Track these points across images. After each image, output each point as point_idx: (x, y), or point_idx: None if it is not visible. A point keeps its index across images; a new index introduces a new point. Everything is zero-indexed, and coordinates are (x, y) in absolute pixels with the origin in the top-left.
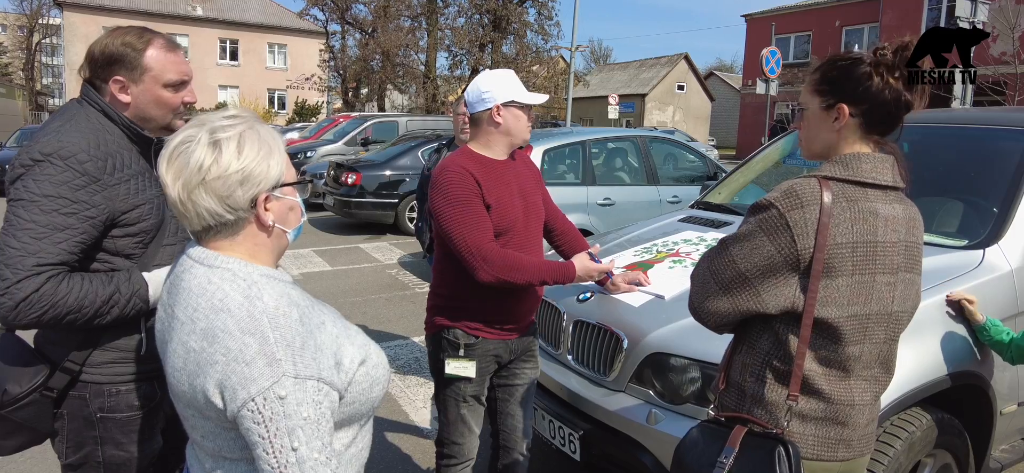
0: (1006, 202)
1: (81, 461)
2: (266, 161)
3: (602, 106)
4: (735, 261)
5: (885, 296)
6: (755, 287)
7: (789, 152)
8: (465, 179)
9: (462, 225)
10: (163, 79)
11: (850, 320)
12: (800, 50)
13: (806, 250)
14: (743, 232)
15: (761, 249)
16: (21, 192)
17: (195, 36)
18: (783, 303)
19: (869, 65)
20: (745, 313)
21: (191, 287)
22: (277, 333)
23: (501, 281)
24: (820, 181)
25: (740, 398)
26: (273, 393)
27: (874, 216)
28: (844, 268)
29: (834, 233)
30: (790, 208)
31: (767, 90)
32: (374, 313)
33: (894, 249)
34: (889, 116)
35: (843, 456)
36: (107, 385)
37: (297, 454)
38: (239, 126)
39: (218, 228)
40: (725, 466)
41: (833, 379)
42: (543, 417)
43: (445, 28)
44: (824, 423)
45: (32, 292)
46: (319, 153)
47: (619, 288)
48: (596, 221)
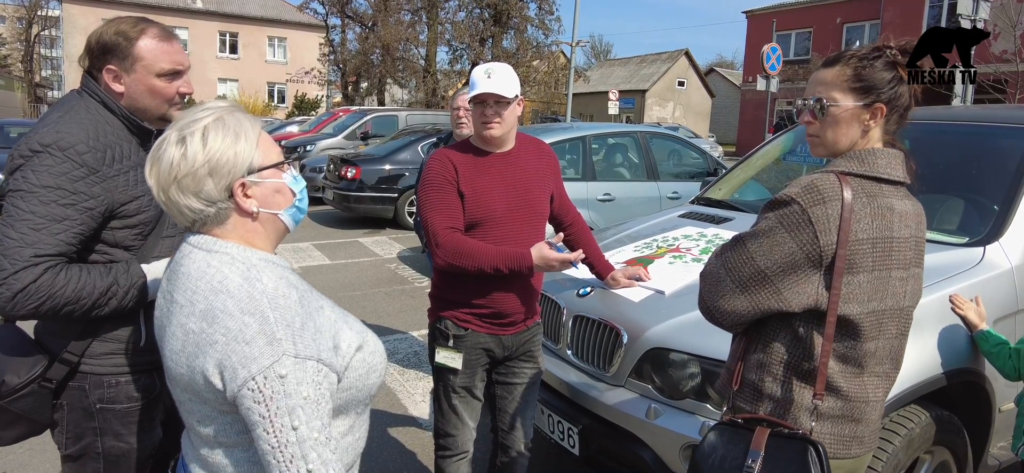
0: (1007, 200)
1: (80, 452)
2: (232, 148)
3: (602, 102)
4: (754, 258)
5: (899, 291)
6: (775, 285)
7: (789, 149)
8: (443, 166)
9: (428, 208)
10: (155, 68)
11: (869, 316)
12: (801, 47)
13: (829, 246)
14: (762, 228)
15: (782, 245)
16: (20, 183)
17: (195, 29)
18: (806, 301)
19: (895, 66)
20: (765, 312)
21: (190, 271)
22: (277, 313)
23: (451, 265)
24: (839, 177)
25: (756, 398)
26: (273, 372)
27: (891, 211)
28: (865, 264)
29: (855, 229)
30: (812, 203)
31: (768, 87)
32: (373, 307)
33: (907, 244)
34: (904, 115)
35: (856, 453)
36: (107, 376)
37: (297, 433)
38: (206, 118)
39: (203, 221)
40: (753, 470)
41: (849, 376)
42: (542, 412)
43: (445, 22)
44: (841, 421)
45: (30, 283)
46: (318, 147)
47: (619, 283)
48: (596, 217)
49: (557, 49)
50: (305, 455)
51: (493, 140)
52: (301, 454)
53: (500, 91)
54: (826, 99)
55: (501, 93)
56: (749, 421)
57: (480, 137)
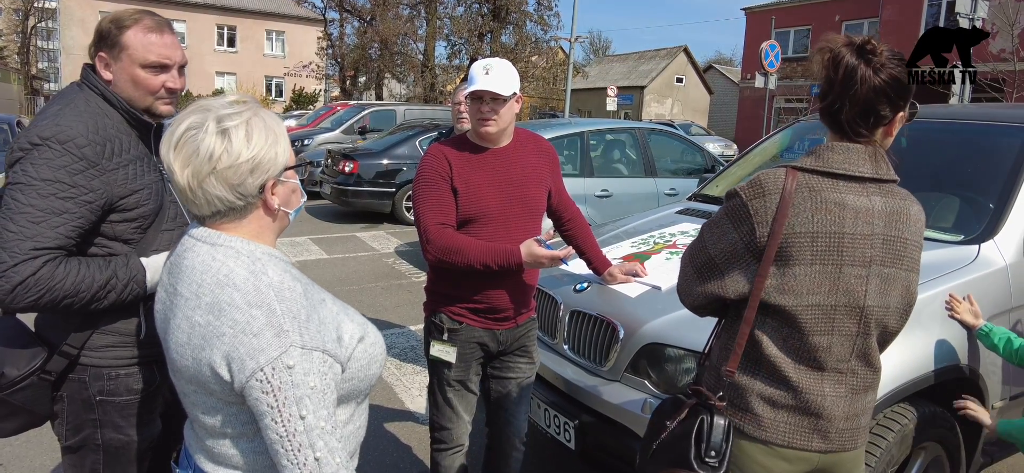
0: (1002, 198)
1: (80, 444)
2: (274, 148)
3: (601, 98)
4: (706, 246)
5: (855, 289)
6: (722, 271)
7: (787, 146)
8: (437, 161)
9: (420, 204)
10: (140, 59)
11: (811, 309)
12: (799, 44)
13: (763, 237)
14: (714, 219)
15: (727, 235)
16: (19, 176)
17: (193, 22)
18: (740, 288)
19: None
20: (711, 296)
21: (194, 265)
22: (283, 305)
23: (441, 261)
24: (788, 171)
25: (713, 378)
26: (281, 363)
27: (840, 207)
28: (802, 257)
29: (793, 222)
30: (752, 196)
31: (766, 84)
32: (370, 301)
33: (866, 241)
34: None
35: (819, 447)
36: (106, 369)
37: (305, 422)
38: (245, 113)
39: (226, 213)
40: (668, 428)
41: (802, 369)
42: (538, 406)
43: (444, 17)
44: (795, 412)
45: (29, 276)
46: (316, 141)
47: (616, 279)
48: (593, 212)
49: (556, 45)
50: (313, 444)
51: (489, 137)
52: (309, 443)
53: (496, 89)
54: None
55: (497, 91)
56: (695, 392)
57: (476, 133)
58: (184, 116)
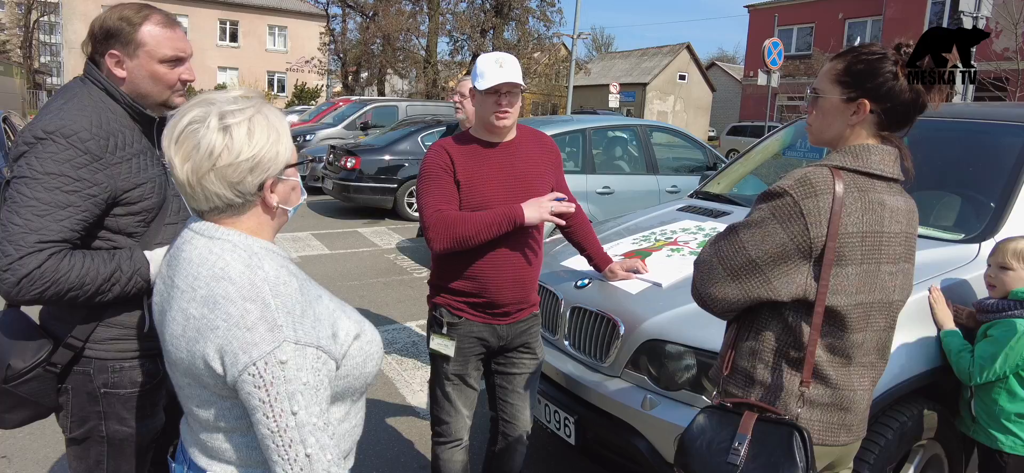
0: (1003, 197)
1: (85, 435)
2: (275, 147)
3: (603, 95)
4: (746, 247)
5: (887, 285)
6: (766, 274)
7: (789, 144)
8: (439, 156)
9: (424, 196)
10: (158, 55)
11: (857, 308)
12: (803, 42)
13: (819, 238)
14: (754, 218)
15: (774, 236)
16: (24, 170)
17: (195, 17)
18: (794, 291)
19: (895, 64)
20: (754, 300)
21: (191, 257)
22: (278, 300)
23: (447, 246)
24: (832, 171)
25: (747, 384)
26: (274, 358)
27: (882, 206)
28: (854, 257)
29: (846, 222)
30: (804, 196)
31: (769, 81)
32: (372, 297)
33: (897, 240)
34: (906, 115)
35: (844, 441)
36: (111, 361)
37: (297, 418)
38: (248, 110)
39: (222, 209)
40: (739, 453)
41: (837, 366)
42: (539, 401)
43: (446, 13)
44: (829, 409)
45: (34, 269)
46: (318, 136)
47: (617, 275)
48: (595, 209)
49: (558, 41)
50: (304, 439)
51: (503, 130)
52: (300, 438)
53: (516, 79)
54: (819, 89)
55: (517, 81)
56: (738, 405)
57: (489, 127)
58: (187, 109)
